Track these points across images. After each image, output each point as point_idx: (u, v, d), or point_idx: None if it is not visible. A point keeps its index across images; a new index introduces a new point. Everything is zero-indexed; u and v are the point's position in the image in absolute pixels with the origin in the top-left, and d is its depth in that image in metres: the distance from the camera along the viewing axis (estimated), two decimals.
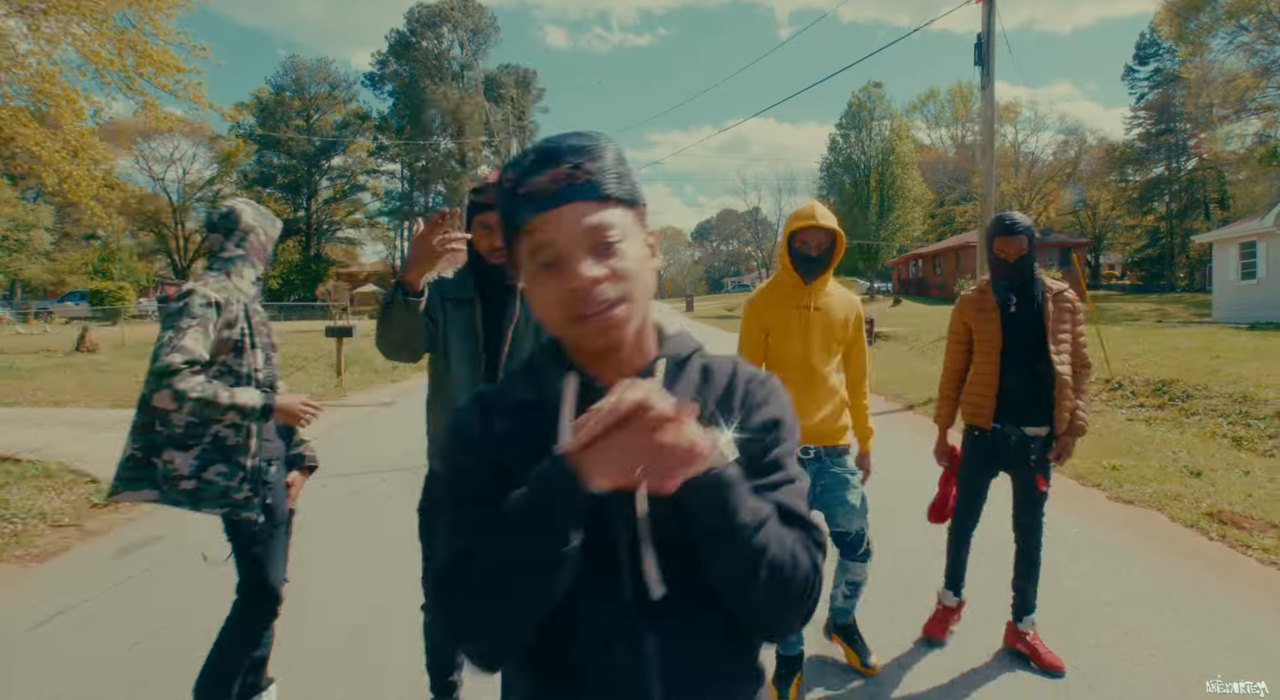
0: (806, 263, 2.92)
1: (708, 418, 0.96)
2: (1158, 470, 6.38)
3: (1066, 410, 3.11)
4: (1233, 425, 9.16)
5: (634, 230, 0.96)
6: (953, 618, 3.47)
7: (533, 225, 0.92)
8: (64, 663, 3.23)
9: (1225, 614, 3.60)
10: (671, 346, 1.03)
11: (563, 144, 0.94)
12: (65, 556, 4.64)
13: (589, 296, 0.89)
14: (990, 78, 10.42)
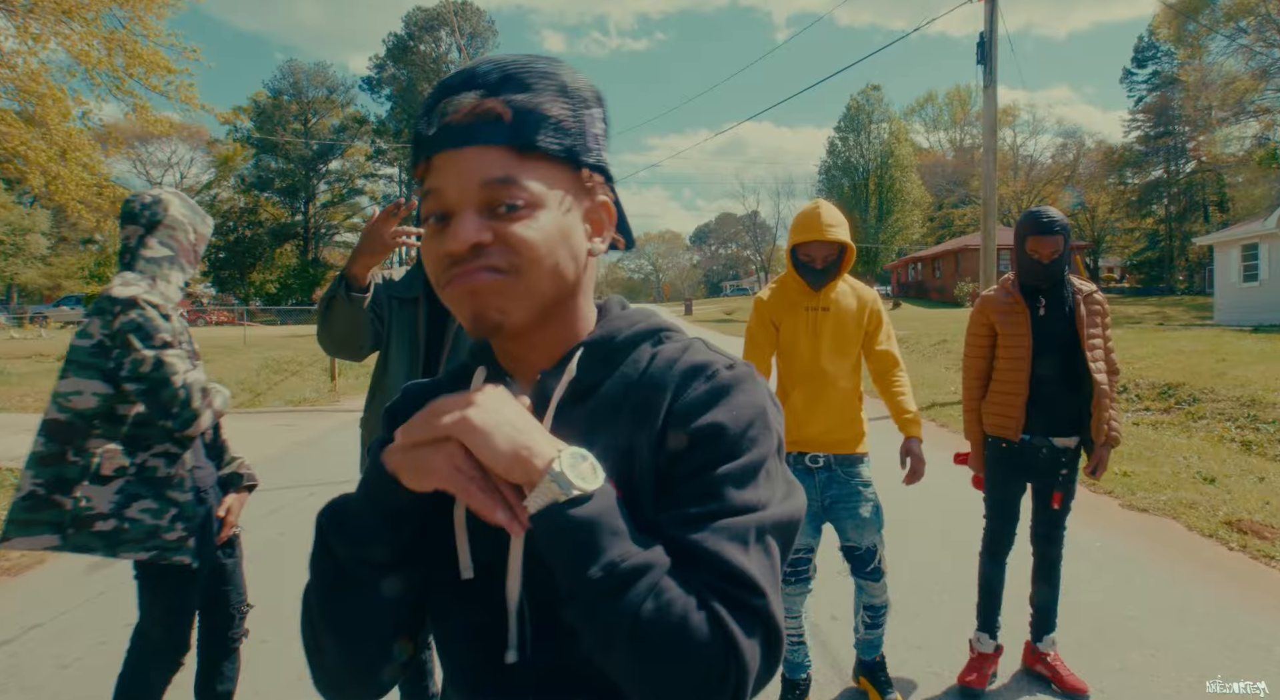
0: (812, 274, 2.77)
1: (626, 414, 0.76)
2: (1170, 476, 6.21)
3: (1105, 421, 2.92)
4: (1241, 429, 9.02)
5: (563, 195, 0.75)
6: (991, 665, 3.05)
7: (432, 162, 0.73)
8: (36, 677, 3.06)
9: (1250, 629, 3.43)
10: (604, 329, 0.81)
11: (501, 67, 0.73)
12: (39, 570, 4.46)
13: (454, 262, 0.71)
14: (993, 77, 10.28)
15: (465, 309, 0.73)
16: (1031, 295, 2.96)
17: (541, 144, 0.72)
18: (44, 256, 47.83)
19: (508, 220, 0.71)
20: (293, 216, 62.59)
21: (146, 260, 2.21)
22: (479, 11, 63.40)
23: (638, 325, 0.82)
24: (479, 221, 0.71)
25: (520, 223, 0.71)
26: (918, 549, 4.43)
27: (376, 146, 64.12)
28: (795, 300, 2.82)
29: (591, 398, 0.78)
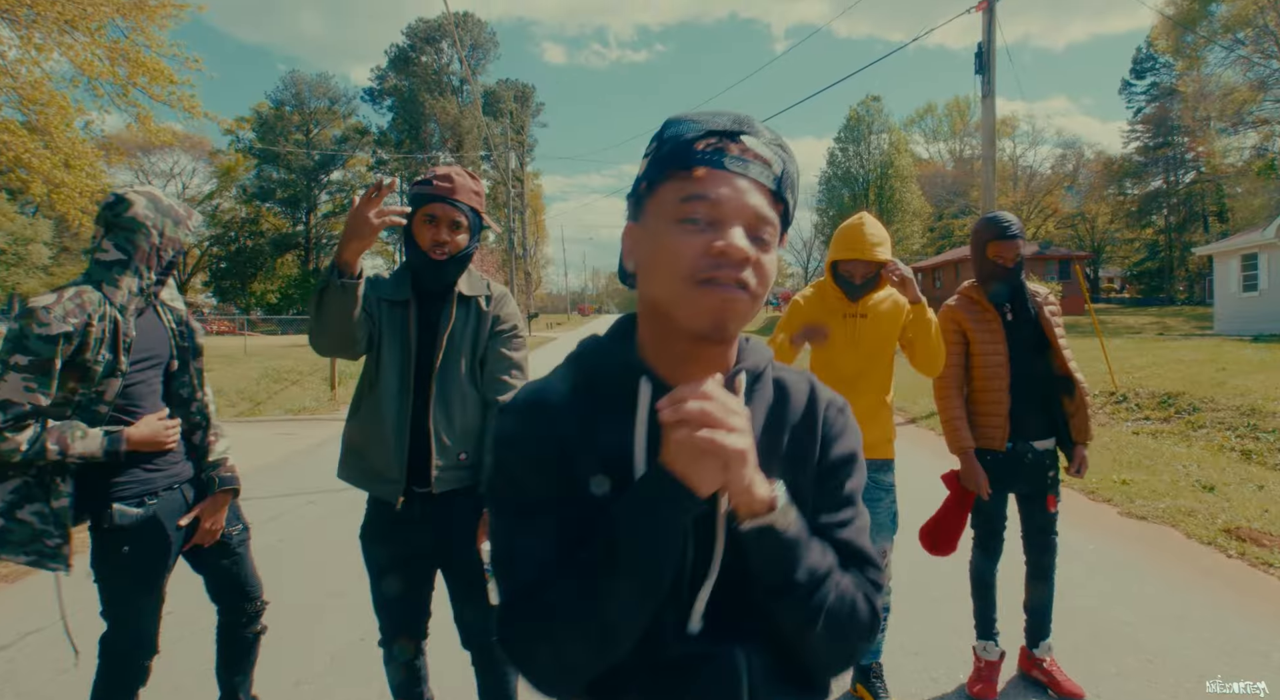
0: (851, 288, 2.82)
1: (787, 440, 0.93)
2: (1169, 485, 6.20)
3: (1088, 419, 2.93)
4: (1241, 438, 9.02)
5: (776, 243, 0.88)
6: (996, 673, 3.03)
7: (704, 174, 0.82)
8: (33, 683, 3.06)
9: (1248, 635, 3.42)
10: (751, 360, 0.94)
11: (764, 128, 0.88)
12: (36, 577, 4.45)
13: (732, 263, 0.80)
14: (991, 87, 10.33)
15: (710, 314, 0.81)
16: (998, 302, 2.96)
17: (785, 199, 0.87)
18: (46, 266, 47.88)
19: (761, 250, 0.83)
20: (294, 227, 62.80)
21: (97, 262, 2.11)
22: (480, 23, 63.82)
23: (765, 356, 0.97)
24: (746, 237, 0.82)
25: (768, 255, 0.84)
26: (914, 553, 4.42)
27: (378, 157, 64.37)
28: (833, 306, 2.84)
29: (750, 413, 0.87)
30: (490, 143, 55.82)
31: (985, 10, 10.19)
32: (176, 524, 2.26)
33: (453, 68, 63.79)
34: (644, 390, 0.87)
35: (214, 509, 2.36)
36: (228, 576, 2.47)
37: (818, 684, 0.94)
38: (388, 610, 2.23)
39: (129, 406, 2.17)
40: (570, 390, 0.91)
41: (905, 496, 2.98)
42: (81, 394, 2.04)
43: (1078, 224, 56.93)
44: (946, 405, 3.00)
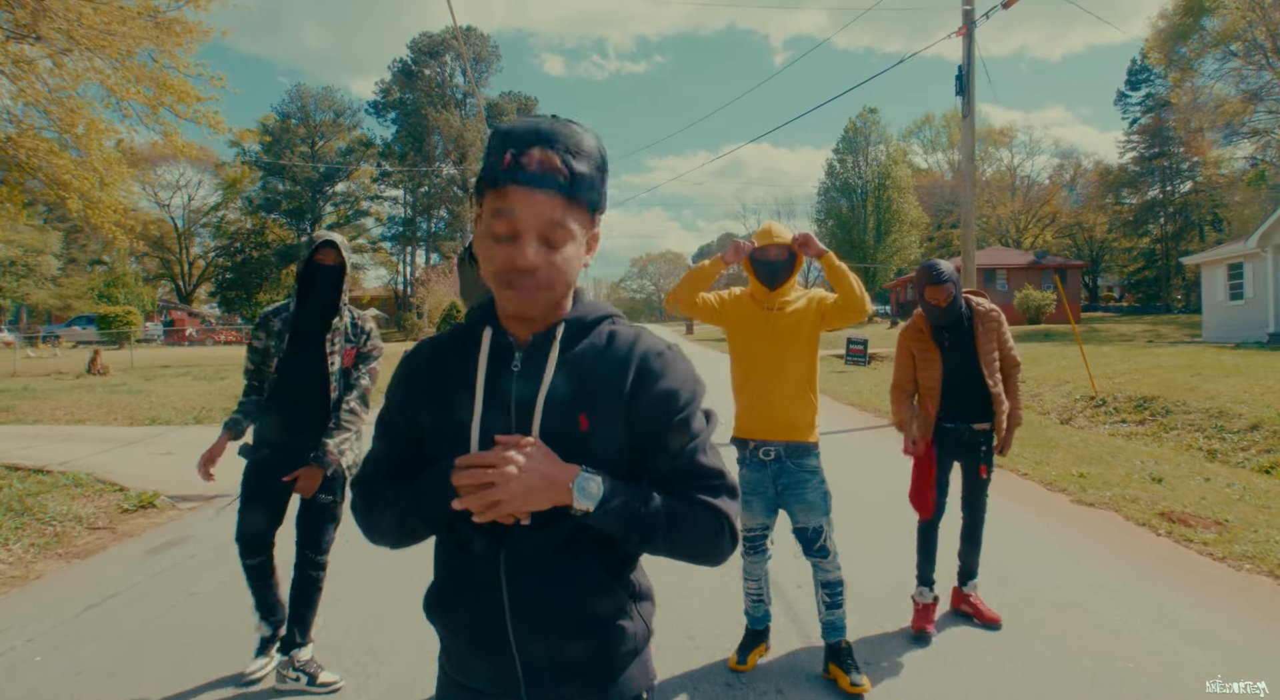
0: (769, 271, 3.15)
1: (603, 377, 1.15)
2: (1122, 477, 6.75)
3: (1003, 416, 3.58)
4: (1209, 439, 9.52)
5: (582, 230, 1.11)
6: (932, 612, 3.59)
7: (509, 192, 1.05)
8: (109, 641, 3.60)
9: (1160, 594, 3.95)
10: (578, 311, 1.19)
11: (564, 133, 1.07)
12: (102, 555, 5.01)
13: (523, 274, 1.06)
14: (970, 108, 10.91)
15: (513, 308, 1.11)
16: (938, 333, 3.62)
17: (582, 198, 1.08)
18: (55, 277, 48.38)
19: (554, 248, 1.07)
20: (299, 238, 63.30)
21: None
22: (483, 37, 64.60)
23: (599, 310, 1.21)
24: (537, 247, 1.06)
25: (562, 251, 1.08)
26: (870, 529, 4.97)
27: (382, 169, 64.99)
28: (755, 302, 3.23)
29: (570, 355, 1.16)
30: None
31: (965, 35, 10.79)
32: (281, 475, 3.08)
33: (456, 81, 64.52)
34: (486, 335, 1.18)
35: (307, 474, 3.07)
36: (306, 529, 3.19)
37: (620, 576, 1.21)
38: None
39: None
40: (450, 334, 1.24)
41: (898, 492, 3.51)
42: None
43: (1076, 233, 57.39)
44: (897, 409, 3.81)
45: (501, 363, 1.15)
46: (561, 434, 1.11)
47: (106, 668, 3.30)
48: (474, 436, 1.12)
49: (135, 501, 6.11)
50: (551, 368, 1.13)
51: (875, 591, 4.05)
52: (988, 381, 3.56)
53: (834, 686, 3.07)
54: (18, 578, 4.52)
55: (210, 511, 6.08)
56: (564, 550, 1.13)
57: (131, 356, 23.68)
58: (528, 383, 1.13)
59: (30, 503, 5.67)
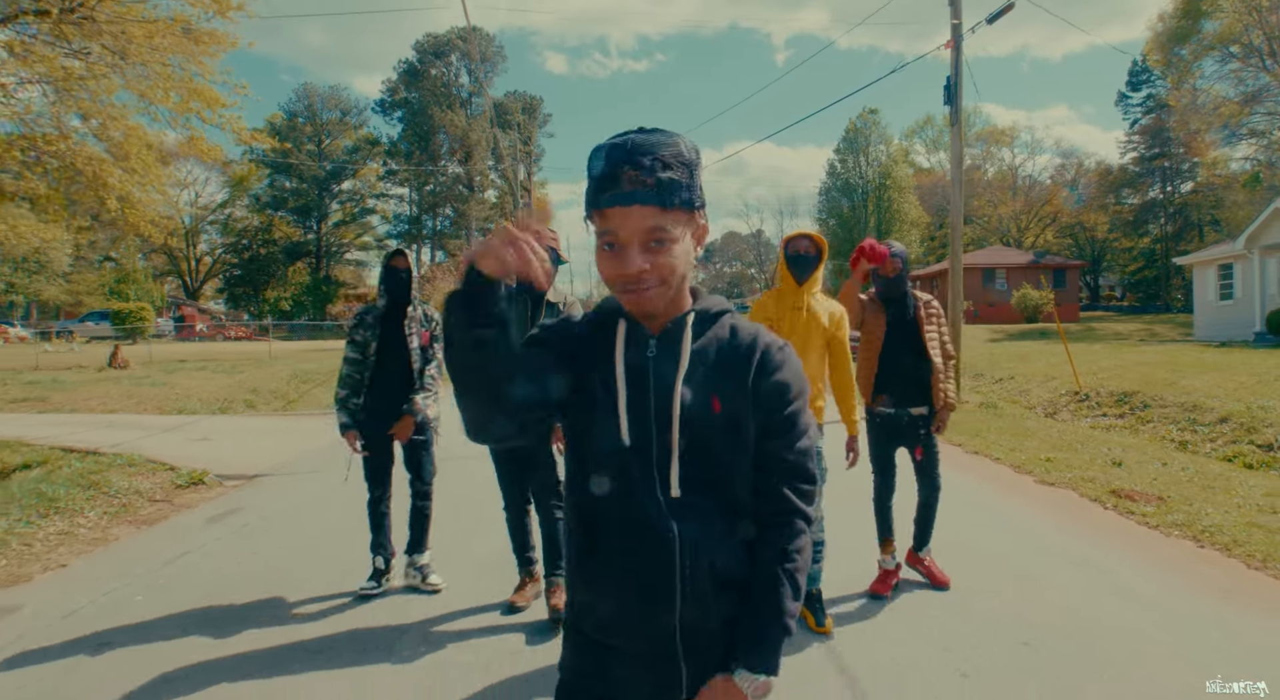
0: (800, 261, 3.70)
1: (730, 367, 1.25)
2: (1086, 461, 7.35)
3: (941, 390, 4.04)
4: (1181, 431, 10.10)
5: (685, 229, 1.20)
6: (893, 578, 4.15)
7: (607, 213, 1.16)
8: (195, 585, 4.22)
9: (1099, 557, 4.53)
10: (702, 304, 1.30)
11: (647, 147, 1.15)
12: (166, 523, 5.64)
13: (632, 280, 1.17)
14: (958, 116, 11.51)
15: (635, 309, 1.22)
16: (887, 304, 4.13)
17: (674, 203, 1.15)
18: (66, 274, 48.99)
19: (657, 253, 1.17)
20: (305, 235, 63.90)
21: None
22: (488, 37, 65.05)
23: (721, 304, 1.32)
24: (641, 254, 1.16)
25: (667, 252, 1.17)
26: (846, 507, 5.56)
27: (388, 167, 65.52)
28: (786, 300, 3.74)
29: (699, 343, 1.26)
30: (499, 155, 56.99)
31: (953, 48, 11.38)
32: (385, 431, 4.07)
33: (461, 81, 65.07)
34: (621, 327, 1.26)
35: (402, 423, 4.05)
36: (410, 464, 4.18)
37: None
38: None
39: None
40: (586, 322, 1.32)
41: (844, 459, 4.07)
42: None
43: (1078, 233, 57.79)
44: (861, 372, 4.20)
45: (637, 350, 1.25)
46: (699, 413, 1.21)
47: (198, 602, 3.94)
48: (622, 415, 1.22)
49: (186, 479, 6.74)
50: (687, 351, 1.24)
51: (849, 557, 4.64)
52: (930, 353, 4.00)
53: (803, 624, 3.66)
54: (99, 539, 5.16)
55: (250, 488, 6.72)
56: (723, 517, 1.23)
57: (150, 351, 24.34)
58: (665, 367, 1.23)
59: (95, 479, 6.30)
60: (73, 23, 7.77)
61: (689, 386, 1.21)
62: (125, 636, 3.54)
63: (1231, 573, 4.25)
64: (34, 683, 3.09)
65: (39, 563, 4.63)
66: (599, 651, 1.27)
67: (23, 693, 3.01)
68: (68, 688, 3.05)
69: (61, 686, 3.06)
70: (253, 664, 3.24)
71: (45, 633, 3.60)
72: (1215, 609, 3.72)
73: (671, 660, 1.23)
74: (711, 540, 1.21)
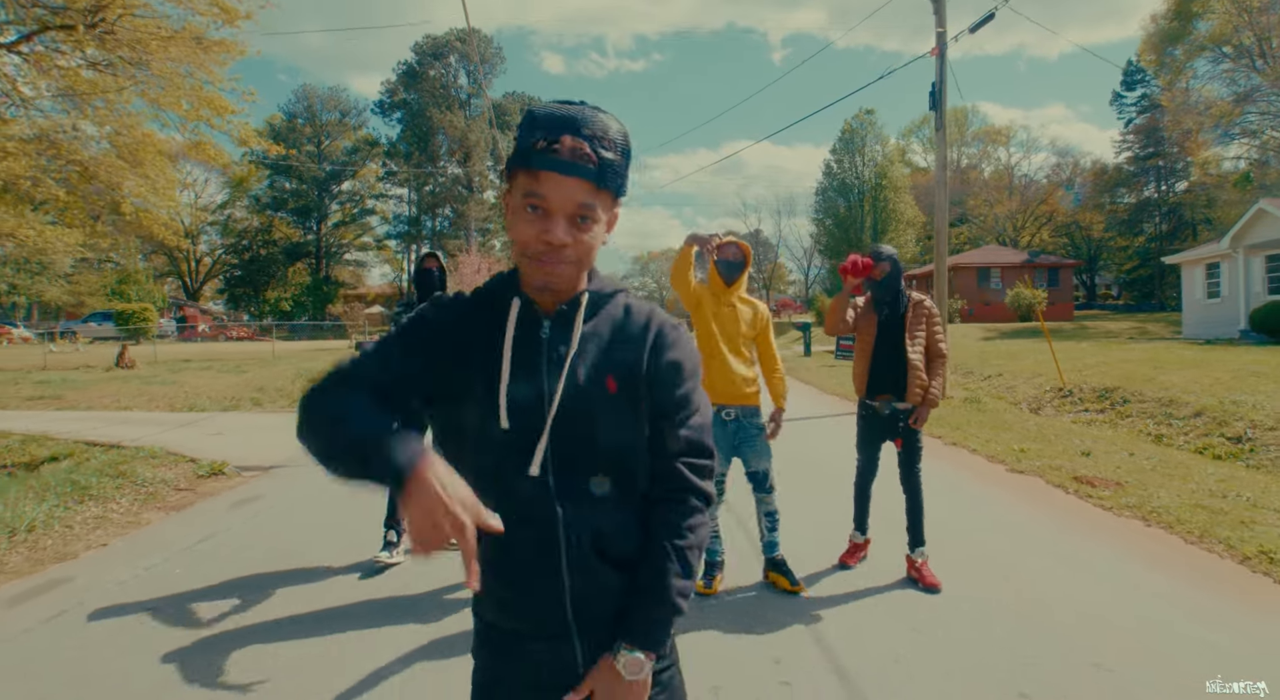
0: (729, 266, 4.15)
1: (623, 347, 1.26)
2: (1057, 452, 7.76)
3: (917, 387, 4.28)
4: (1158, 424, 10.50)
5: (605, 213, 1.20)
6: (860, 552, 4.53)
7: (542, 176, 1.13)
8: (228, 559, 4.62)
9: (1050, 537, 4.95)
10: (596, 284, 1.29)
11: (595, 123, 1.15)
12: (192, 509, 6.04)
13: (553, 251, 1.15)
14: (942, 121, 11.92)
15: (540, 281, 1.19)
16: (878, 304, 4.46)
17: (608, 185, 1.17)
18: (68, 275, 49.30)
19: (581, 229, 1.16)
20: (305, 236, 64.28)
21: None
22: (486, 39, 65.49)
23: (613, 285, 1.32)
24: (566, 226, 1.15)
25: (590, 231, 1.17)
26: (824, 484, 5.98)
27: (387, 168, 65.91)
28: (718, 296, 4.18)
29: (593, 324, 1.26)
30: (498, 155, 57.32)
31: (938, 55, 11.79)
32: None
33: (460, 82, 65.46)
34: (515, 304, 1.24)
35: None
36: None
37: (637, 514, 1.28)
38: None
39: None
40: (474, 298, 1.29)
41: (824, 447, 4.47)
42: None
43: (1074, 232, 58.20)
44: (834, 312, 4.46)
45: (529, 329, 1.23)
46: (593, 395, 1.21)
47: (231, 574, 4.35)
48: (502, 401, 1.18)
49: (207, 469, 7.15)
50: (578, 332, 1.23)
51: (825, 541, 5.05)
52: (908, 349, 4.28)
53: (773, 588, 4.08)
54: (132, 523, 5.57)
55: (267, 478, 7.13)
56: (616, 496, 1.24)
57: (154, 351, 24.74)
58: (558, 346, 1.22)
59: (123, 469, 6.70)
60: (95, 37, 8.15)
61: (583, 366, 1.22)
62: (169, 602, 3.95)
63: (1168, 546, 4.68)
64: (96, 638, 3.50)
65: (81, 542, 5.03)
66: (496, 635, 1.28)
67: (87, 647, 3.41)
68: (123, 643, 3.45)
69: (118, 642, 3.47)
70: (287, 626, 3.65)
71: (100, 598, 4.02)
72: (1150, 578, 4.14)
73: (565, 638, 1.23)
74: (601, 520, 1.22)
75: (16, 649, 3.42)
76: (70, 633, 3.59)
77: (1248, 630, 3.45)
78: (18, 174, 8.26)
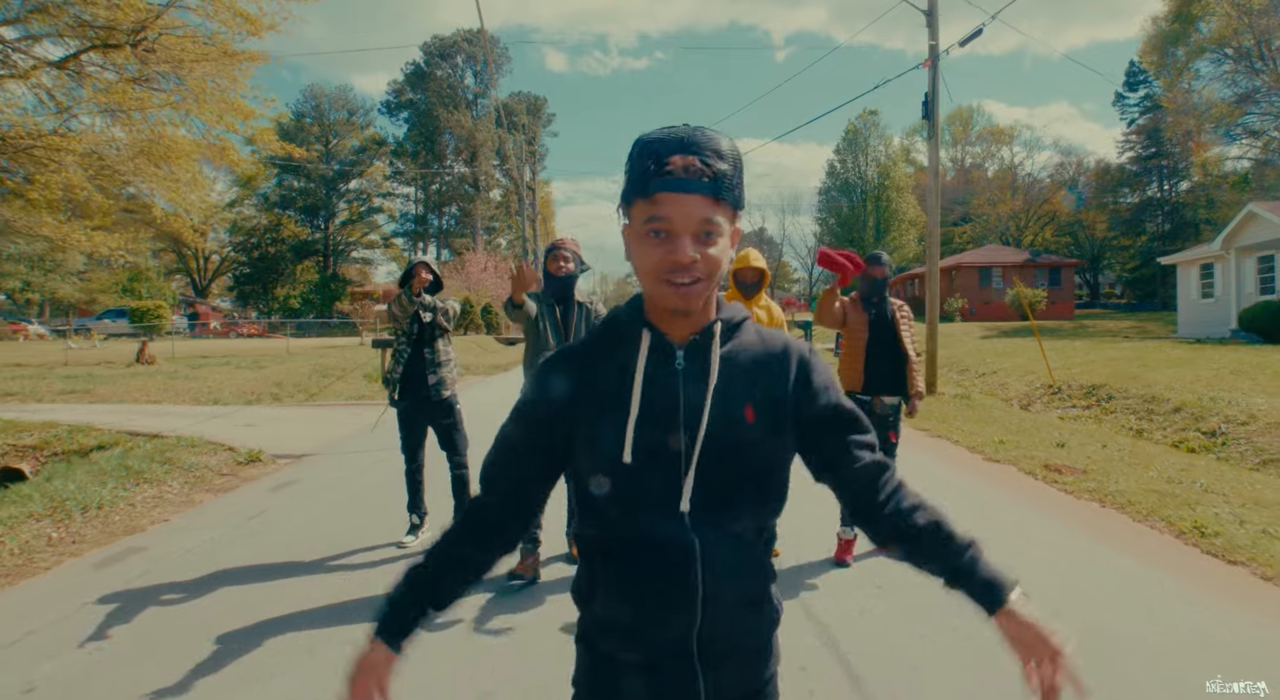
0: (745, 287, 4.70)
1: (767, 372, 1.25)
2: (1034, 443, 8.31)
3: (914, 381, 4.76)
4: (1140, 419, 11.02)
5: (728, 227, 1.17)
6: (852, 546, 4.66)
7: (659, 198, 1.12)
8: (278, 533, 5.19)
9: (1015, 517, 5.49)
10: (726, 313, 1.26)
11: (703, 139, 1.15)
12: (237, 491, 6.63)
13: (683, 270, 1.12)
14: (934, 130, 12.45)
15: (676, 304, 1.16)
16: (867, 302, 4.90)
17: (726, 197, 1.15)
18: (80, 272, 49.95)
19: (706, 245, 1.14)
20: (313, 234, 64.95)
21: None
22: (493, 39, 66.15)
23: (741, 311, 1.30)
24: (692, 244, 1.13)
25: (716, 245, 1.15)
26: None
27: (394, 167, 66.61)
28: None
29: (727, 352, 1.23)
30: (504, 154, 57.93)
31: (930, 67, 12.32)
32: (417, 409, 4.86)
33: (466, 82, 66.13)
34: (645, 336, 1.21)
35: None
36: (444, 443, 4.96)
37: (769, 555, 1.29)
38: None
39: None
40: (599, 336, 1.28)
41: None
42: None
43: (1077, 231, 58.52)
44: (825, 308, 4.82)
45: (662, 361, 1.21)
46: (737, 425, 1.19)
47: (281, 545, 4.93)
48: (628, 436, 1.17)
49: (245, 457, 7.74)
50: (716, 362, 1.21)
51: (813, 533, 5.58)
52: (906, 347, 4.73)
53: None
54: (185, 502, 6.16)
55: (299, 466, 7.71)
56: (750, 531, 1.23)
57: (172, 348, 25.37)
58: (695, 379, 1.20)
59: (169, 456, 7.30)
60: (138, 55, 8.73)
61: (722, 398, 1.19)
62: (232, 567, 4.53)
63: (1118, 524, 5.24)
64: (175, 593, 4.08)
65: (145, 518, 5.63)
66: (612, 665, 1.26)
67: (170, 599, 4.00)
68: (198, 596, 4.04)
69: (194, 595, 4.05)
70: (332, 585, 4.23)
71: (171, 563, 4.61)
72: (1093, 548, 4.69)
73: (690, 671, 1.21)
74: (736, 555, 1.21)
75: (115, 601, 4.00)
76: (154, 589, 4.17)
77: (1168, 585, 4.00)
78: (74, 184, 8.87)
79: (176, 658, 3.28)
